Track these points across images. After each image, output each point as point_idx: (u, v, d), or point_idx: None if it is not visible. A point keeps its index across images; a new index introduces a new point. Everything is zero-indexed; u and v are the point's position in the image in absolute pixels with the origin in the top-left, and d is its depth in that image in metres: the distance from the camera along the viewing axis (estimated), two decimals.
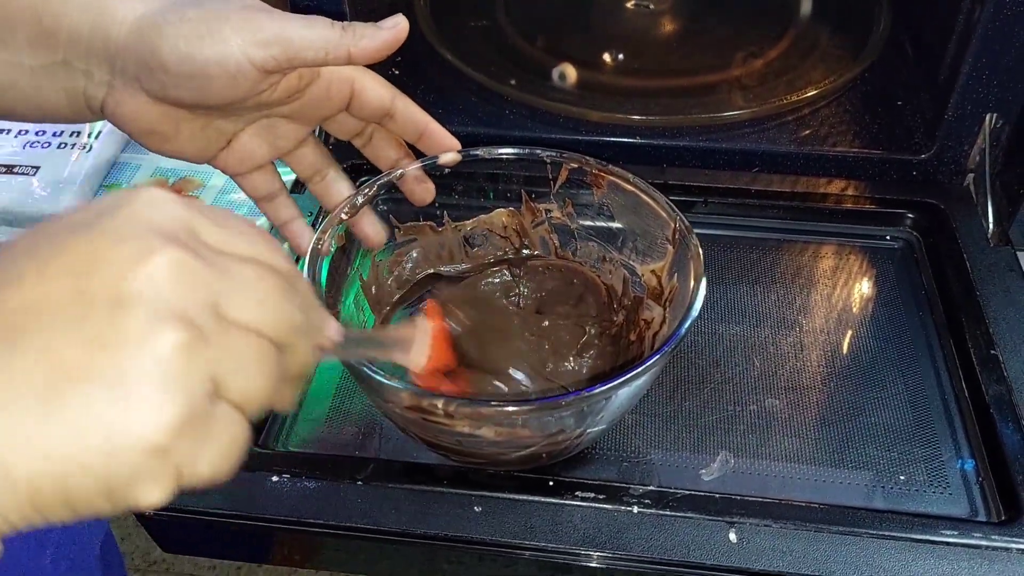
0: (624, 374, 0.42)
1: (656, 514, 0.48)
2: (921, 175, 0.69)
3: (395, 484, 0.50)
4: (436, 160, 0.53)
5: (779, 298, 0.63)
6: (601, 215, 0.57)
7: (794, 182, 0.69)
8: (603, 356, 0.56)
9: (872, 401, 0.56)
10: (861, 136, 0.71)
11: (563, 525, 0.48)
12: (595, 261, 0.59)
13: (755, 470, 0.53)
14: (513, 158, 0.55)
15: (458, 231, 0.60)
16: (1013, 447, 0.51)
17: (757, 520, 0.48)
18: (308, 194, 0.69)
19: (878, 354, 0.59)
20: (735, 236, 0.67)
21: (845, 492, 0.52)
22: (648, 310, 0.54)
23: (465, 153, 0.54)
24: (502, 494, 0.49)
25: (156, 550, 1.22)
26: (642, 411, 0.56)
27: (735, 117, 0.72)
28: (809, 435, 0.55)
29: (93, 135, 0.77)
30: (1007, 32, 0.60)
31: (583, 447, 0.51)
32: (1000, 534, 0.47)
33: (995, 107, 0.64)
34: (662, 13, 0.84)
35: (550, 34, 0.82)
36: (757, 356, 0.59)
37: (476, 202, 0.58)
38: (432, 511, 0.49)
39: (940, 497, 0.51)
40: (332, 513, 0.49)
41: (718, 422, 0.55)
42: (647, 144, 0.71)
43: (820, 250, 0.67)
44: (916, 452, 0.53)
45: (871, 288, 0.64)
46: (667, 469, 0.53)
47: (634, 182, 0.53)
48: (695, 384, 0.57)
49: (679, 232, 0.51)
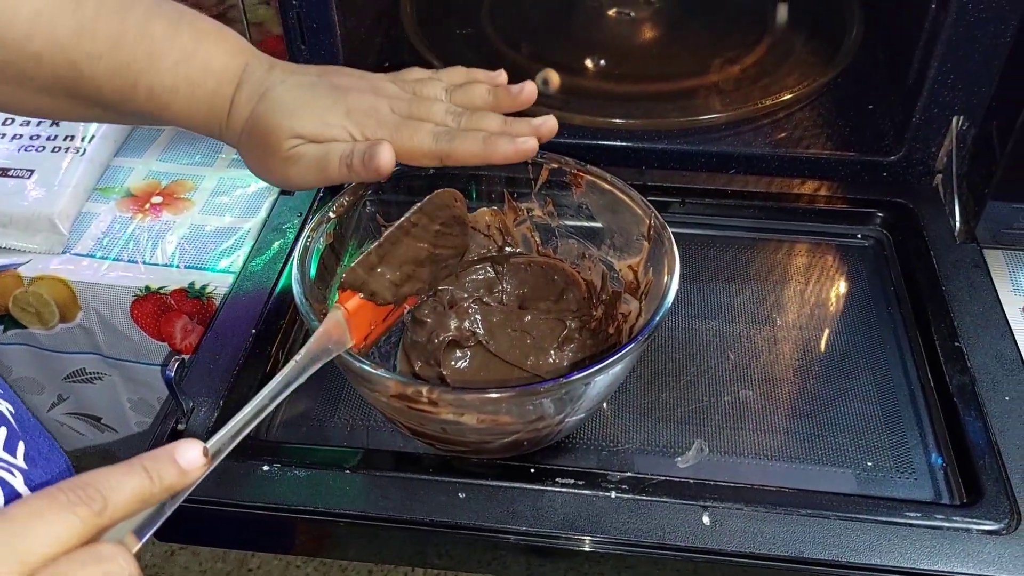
0: (600, 362, 0.44)
1: (633, 499, 0.50)
2: (891, 176, 0.71)
3: (382, 472, 0.52)
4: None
5: (754, 294, 0.65)
6: (580, 213, 0.59)
7: (769, 183, 0.71)
8: (583, 349, 0.58)
9: (842, 392, 0.59)
10: (833, 138, 0.73)
11: (544, 510, 0.50)
12: (575, 258, 0.61)
13: (729, 458, 0.55)
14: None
15: None
16: (975, 434, 0.53)
17: (730, 504, 0.50)
18: (297, 195, 0.71)
19: (848, 347, 0.61)
20: (712, 235, 0.70)
21: (815, 478, 0.54)
22: (626, 303, 0.57)
23: None
24: (486, 481, 0.51)
25: (147, 554, 1.23)
26: (620, 402, 0.58)
27: (712, 121, 0.74)
28: (781, 424, 0.57)
29: (87, 139, 0.79)
30: (970, 37, 0.63)
31: (563, 435, 0.53)
32: (962, 516, 0.50)
33: (961, 110, 0.67)
34: (642, 20, 0.86)
35: (534, 41, 0.84)
36: (732, 350, 0.61)
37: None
38: (418, 498, 0.51)
39: (906, 482, 0.53)
40: (321, 501, 0.51)
41: (694, 413, 0.57)
42: (627, 147, 0.73)
43: (794, 248, 0.69)
44: (883, 440, 0.56)
45: (842, 284, 0.67)
46: (644, 457, 0.55)
47: (611, 181, 0.56)
48: (672, 377, 0.59)
49: (654, 228, 0.53)
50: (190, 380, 0.57)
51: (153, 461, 0.35)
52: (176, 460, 0.36)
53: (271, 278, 0.64)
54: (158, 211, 0.76)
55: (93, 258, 0.72)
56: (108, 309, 0.71)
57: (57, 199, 0.74)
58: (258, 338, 0.60)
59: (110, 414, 0.82)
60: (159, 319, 0.71)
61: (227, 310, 0.62)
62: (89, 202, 0.77)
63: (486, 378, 0.58)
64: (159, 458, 0.35)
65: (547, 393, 0.45)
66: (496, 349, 0.59)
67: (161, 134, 0.84)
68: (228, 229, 0.74)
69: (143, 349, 0.74)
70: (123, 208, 0.76)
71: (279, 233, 0.68)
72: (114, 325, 0.72)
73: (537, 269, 0.62)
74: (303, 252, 0.51)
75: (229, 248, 0.72)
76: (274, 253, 0.66)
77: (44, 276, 0.71)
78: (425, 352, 0.58)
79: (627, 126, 0.74)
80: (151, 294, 0.70)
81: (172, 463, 0.35)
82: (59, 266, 0.71)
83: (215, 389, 0.56)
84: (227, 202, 0.77)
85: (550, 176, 0.59)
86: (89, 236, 0.74)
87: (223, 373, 0.57)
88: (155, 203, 0.77)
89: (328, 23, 0.68)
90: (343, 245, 0.57)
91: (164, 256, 0.71)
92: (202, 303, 0.70)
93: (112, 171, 0.80)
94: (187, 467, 0.36)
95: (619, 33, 0.85)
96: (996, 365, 0.57)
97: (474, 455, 0.53)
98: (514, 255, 0.63)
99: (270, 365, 0.59)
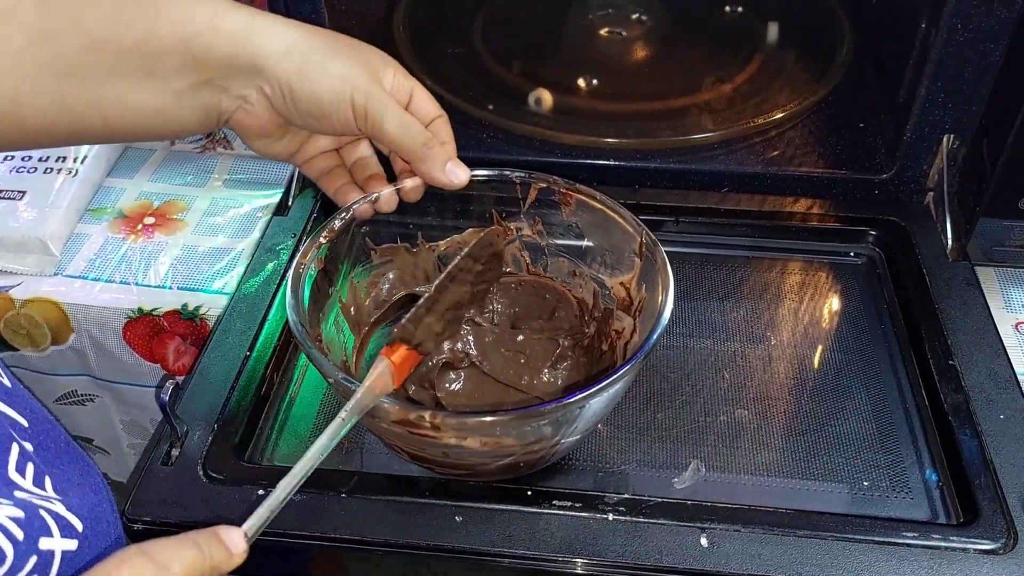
0: (601, 381, 0.44)
1: (630, 521, 0.50)
2: (883, 194, 0.71)
3: (378, 496, 0.52)
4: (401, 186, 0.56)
5: (748, 313, 0.66)
6: (570, 232, 0.59)
7: (762, 201, 0.72)
8: (577, 367, 0.59)
9: (837, 411, 0.59)
10: (825, 157, 0.74)
11: (541, 533, 0.50)
12: (566, 276, 0.61)
13: (725, 478, 0.55)
14: (484, 179, 0.58)
15: (432, 252, 0.62)
16: (971, 453, 0.54)
17: (727, 525, 0.50)
18: (295, 208, 0.71)
19: (843, 366, 0.62)
20: (705, 254, 0.70)
21: (812, 498, 0.54)
22: (619, 320, 0.57)
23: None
24: (482, 504, 0.51)
25: None
26: (616, 423, 0.57)
27: (705, 139, 0.75)
28: (777, 444, 0.57)
29: (79, 159, 0.78)
30: (961, 56, 0.63)
31: (559, 457, 0.53)
32: (958, 535, 0.49)
33: (952, 128, 0.67)
34: (634, 39, 0.86)
35: (526, 60, 0.84)
36: (727, 369, 0.61)
37: (450, 222, 0.60)
38: (414, 522, 0.50)
39: (902, 501, 0.53)
40: (317, 525, 0.50)
41: (689, 433, 0.57)
42: (620, 166, 0.73)
43: (787, 266, 0.69)
44: (879, 459, 0.56)
45: (836, 303, 0.67)
46: (640, 478, 0.55)
47: (601, 199, 0.56)
48: (667, 396, 0.59)
49: (645, 245, 0.53)
50: (184, 403, 0.56)
51: (202, 536, 0.38)
52: (223, 540, 0.38)
53: (265, 300, 0.64)
54: (151, 232, 0.76)
55: (85, 280, 0.72)
56: (100, 331, 0.71)
57: (49, 220, 0.73)
58: (252, 361, 0.59)
59: (102, 436, 0.82)
60: (152, 341, 0.71)
61: (221, 332, 0.61)
62: (81, 223, 0.77)
63: (481, 399, 0.58)
64: (207, 536, 0.38)
65: (550, 414, 0.45)
66: (490, 370, 0.59)
67: (153, 154, 0.84)
68: (221, 250, 0.74)
69: (135, 371, 0.73)
70: (115, 229, 0.76)
71: (273, 254, 0.67)
72: (106, 347, 0.72)
73: (528, 288, 0.62)
74: (295, 279, 0.51)
75: (222, 269, 0.72)
76: (268, 275, 0.66)
77: (36, 298, 0.70)
78: (418, 375, 0.58)
79: (619, 145, 0.74)
80: (144, 316, 0.70)
81: (219, 542, 0.38)
82: (51, 288, 0.71)
83: (209, 413, 0.56)
84: (220, 222, 0.76)
85: (539, 195, 0.59)
86: (81, 257, 0.73)
87: (217, 396, 0.57)
88: (147, 224, 0.76)
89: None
90: (336, 269, 0.57)
91: (157, 277, 0.71)
92: (195, 325, 0.70)
93: (104, 192, 0.80)
94: (232, 549, 0.38)
95: (611, 52, 0.86)
96: (990, 383, 0.57)
97: (472, 478, 0.52)
98: (504, 275, 0.63)
99: (265, 387, 0.58)
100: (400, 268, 0.61)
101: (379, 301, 0.61)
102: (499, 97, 0.79)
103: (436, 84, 0.78)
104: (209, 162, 0.83)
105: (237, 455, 0.54)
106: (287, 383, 0.61)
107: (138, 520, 0.51)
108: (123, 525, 0.50)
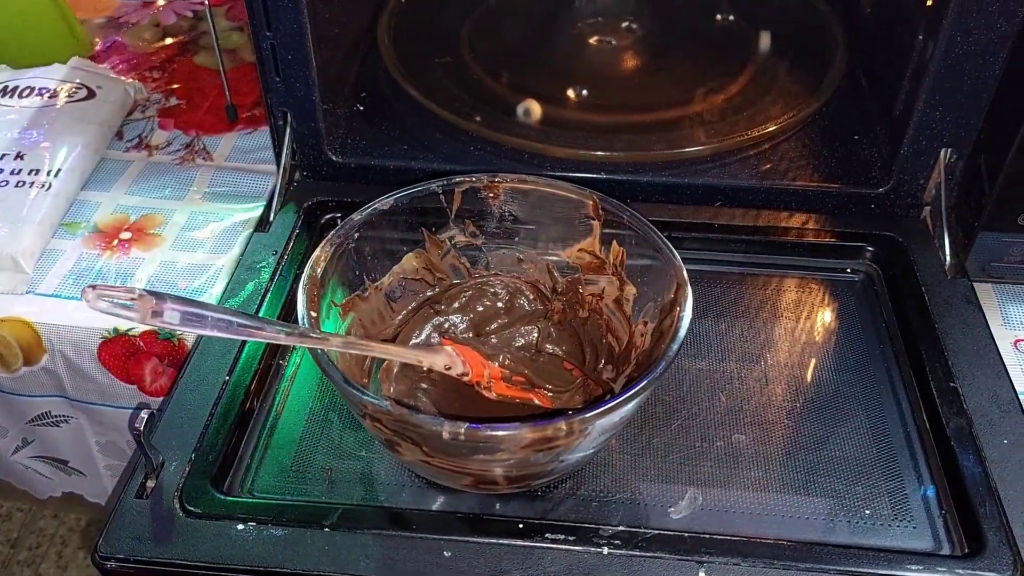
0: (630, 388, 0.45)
1: (626, 555, 0.48)
2: (879, 208, 0.70)
3: (363, 530, 0.50)
4: None
5: (743, 332, 0.64)
6: (505, 221, 0.59)
7: (756, 216, 0.70)
8: (564, 339, 0.59)
9: (836, 434, 0.57)
10: (820, 170, 0.72)
11: (533, 568, 0.48)
12: (511, 266, 0.62)
13: (723, 506, 0.53)
14: (407, 199, 0.57)
15: (379, 291, 0.59)
16: (974, 480, 0.52)
17: (726, 559, 0.48)
18: (277, 223, 0.69)
19: (841, 387, 0.60)
20: (699, 270, 0.68)
21: (812, 527, 0.52)
22: (592, 284, 0.58)
23: (372, 209, 0.56)
24: (472, 538, 0.49)
25: None
26: (611, 448, 0.56)
27: (697, 153, 0.73)
28: (775, 470, 0.55)
29: (53, 172, 0.76)
30: (959, 69, 0.62)
31: (567, 471, 0.52)
32: (964, 568, 0.48)
33: (949, 142, 0.66)
34: (624, 49, 0.85)
35: (514, 71, 0.82)
36: (723, 391, 0.60)
37: (391, 256, 0.60)
38: (401, 557, 0.48)
39: (905, 531, 0.52)
40: (300, 561, 0.48)
41: (685, 458, 0.55)
42: (611, 179, 0.71)
43: (783, 283, 0.68)
44: (880, 486, 0.54)
45: (833, 321, 0.65)
46: (636, 508, 0.53)
47: (531, 180, 0.56)
48: (662, 420, 0.58)
49: (601, 207, 0.54)
50: (160, 431, 0.54)
51: None
52: None
53: None
54: (127, 247, 0.73)
55: (59, 298, 0.69)
56: (75, 352, 0.68)
57: (21, 236, 0.71)
58: (232, 385, 0.57)
59: (77, 457, 0.79)
60: (128, 362, 0.68)
61: (199, 355, 0.59)
62: (54, 238, 0.74)
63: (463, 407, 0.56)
64: None
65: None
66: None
67: (131, 166, 0.82)
68: (200, 266, 0.71)
69: (111, 392, 0.71)
70: (90, 244, 0.74)
71: (253, 272, 0.65)
72: (81, 368, 0.69)
73: (475, 292, 0.62)
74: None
75: (201, 286, 0.69)
76: (248, 294, 0.63)
77: (7, 318, 0.68)
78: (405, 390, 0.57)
79: (610, 158, 0.72)
80: (119, 336, 0.67)
81: None
82: (23, 308, 0.68)
83: (186, 442, 0.54)
84: (199, 237, 0.74)
85: (463, 199, 0.58)
86: (54, 274, 0.71)
87: (195, 423, 0.55)
88: (124, 239, 0.74)
89: (303, 55, 0.66)
90: (324, 287, 0.54)
91: None
92: (173, 345, 0.67)
93: (78, 205, 0.77)
94: None
95: (601, 62, 0.84)
96: (992, 406, 0.56)
97: (473, 489, 0.52)
98: (448, 289, 0.62)
99: (245, 413, 0.56)
100: (360, 317, 0.58)
101: (359, 359, 0.57)
102: (486, 108, 0.77)
103: (421, 95, 0.76)
104: (188, 174, 0.81)
105: (216, 486, 0.52)
106: (268, 408, 0.58)
107: (111, 558, 0.48)
108: (95, 563, 0.48)
